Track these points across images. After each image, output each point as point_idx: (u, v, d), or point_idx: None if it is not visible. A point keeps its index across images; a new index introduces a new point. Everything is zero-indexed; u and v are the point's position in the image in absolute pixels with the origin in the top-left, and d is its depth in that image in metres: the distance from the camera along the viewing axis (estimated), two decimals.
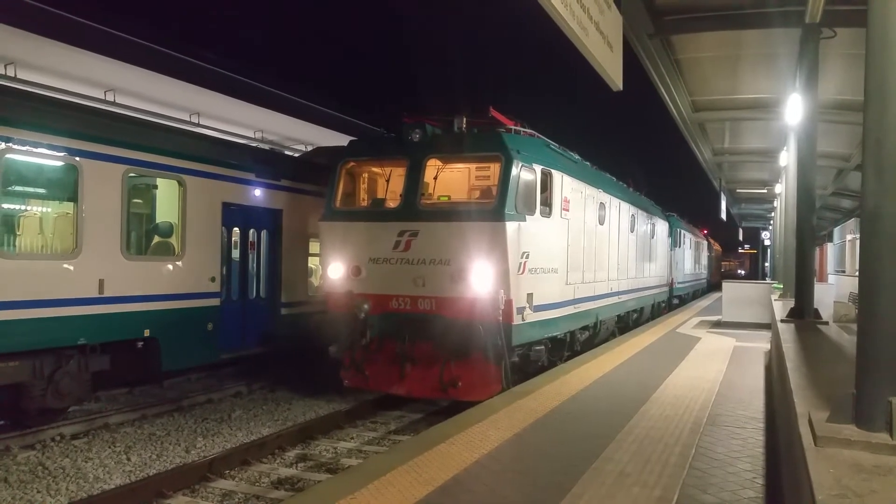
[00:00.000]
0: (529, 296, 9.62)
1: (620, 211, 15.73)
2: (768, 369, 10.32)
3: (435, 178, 10.19)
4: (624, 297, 16.36)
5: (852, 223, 25.45)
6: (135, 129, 10.41)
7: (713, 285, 41.65)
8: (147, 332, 9.93)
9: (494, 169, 9.87)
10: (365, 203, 10.78)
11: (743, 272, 76.64)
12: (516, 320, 9.26)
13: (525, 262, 9.42)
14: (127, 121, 11.04)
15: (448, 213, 9.71)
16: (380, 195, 10.74)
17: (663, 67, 12.82)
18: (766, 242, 52.79)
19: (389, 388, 9.67)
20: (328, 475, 7.50)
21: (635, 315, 18.58)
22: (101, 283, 9.22)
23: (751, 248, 75.76)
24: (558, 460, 5.57)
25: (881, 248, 3.42)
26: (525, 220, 9.45)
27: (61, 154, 8.87)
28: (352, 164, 10.67)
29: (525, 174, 9.60)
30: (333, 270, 10.01)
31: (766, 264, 52.32)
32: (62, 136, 8.82)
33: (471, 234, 9.11)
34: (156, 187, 11.02)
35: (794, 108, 11.52)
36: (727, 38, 11.56)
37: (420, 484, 4.96)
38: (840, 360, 6.18)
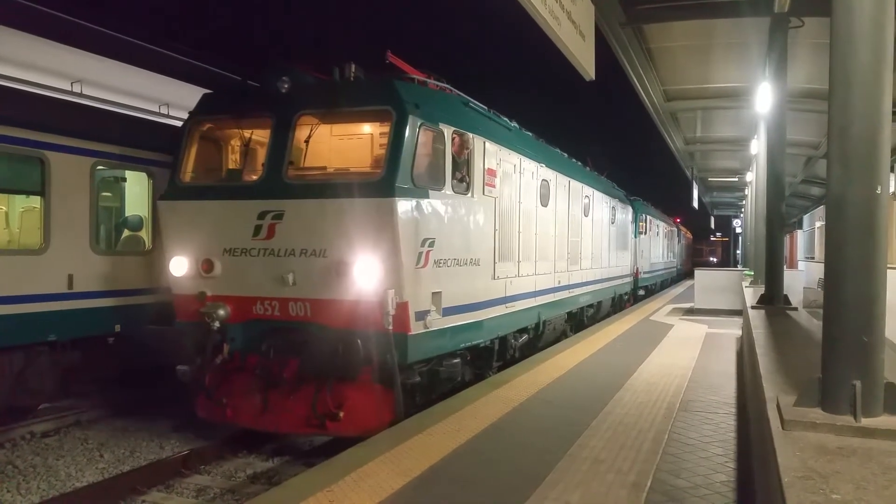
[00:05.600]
0: (436, 296, 7.62)
1: (570, 191, 13.71)
2: (740, 355, 10.49)
3: (307, 142, 7.89)
4: (576, 291, 14.28)
5: (821, 210, 25.90)
6: (103, 121, 10.22)
7: (685, 273, 42.22)
8: (118, 328, 9.80)
9: (386, 129, 7.59)
10: (221, 176, 8.53)
11: (715, 260, 77.70)
12: (415, 329, 7.25)
13: (428, 252, 7.37)
14: (95, 112, 10.84)
15: (321, 187, 7.43)
16: (238, 165, 8.48)
17: (635, 57, 12.91)
18: (738, 230, 53.64)
19: (252, 421, 7.58)
20: (305, 468, 7.47)
21: (591, 311, 16.53)
22: (70, 278, 9.06)
23: (723, 236, 76.83)
24: (534, 448, 5.62)
25: (846, 235, 3.48)
26: (427, 197, 7.39)
27: (27, 147, 8.68)
28: (207, 125, 8.41)
29: (428, 136, 7.54)
30: (177, 266, 7.84)
31: (738, 252, 53.18)
32: (28, 129, 8.63)
33: (351, 215, 7.07)
34: (125, 180, 10.84)
35: (764, 97, 11.70)
36: (698, 27, 11.68)
37: (397, 475, 4.97)
38: (809, 345, 6.30)
